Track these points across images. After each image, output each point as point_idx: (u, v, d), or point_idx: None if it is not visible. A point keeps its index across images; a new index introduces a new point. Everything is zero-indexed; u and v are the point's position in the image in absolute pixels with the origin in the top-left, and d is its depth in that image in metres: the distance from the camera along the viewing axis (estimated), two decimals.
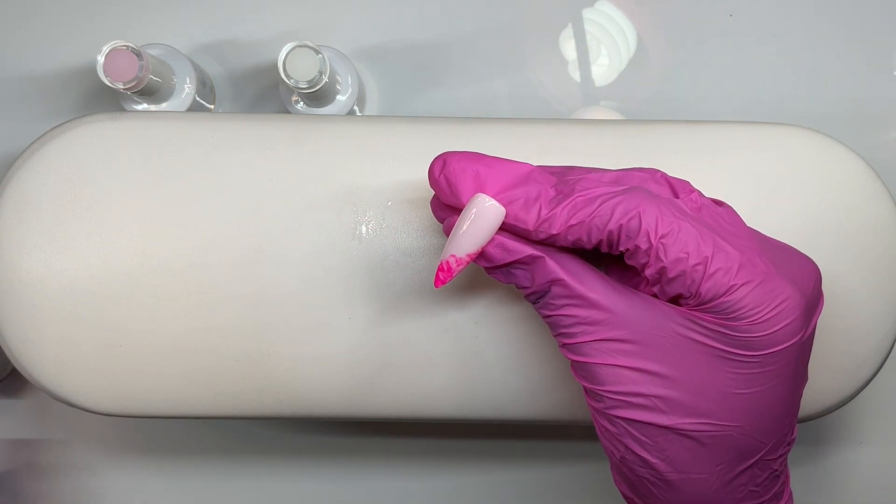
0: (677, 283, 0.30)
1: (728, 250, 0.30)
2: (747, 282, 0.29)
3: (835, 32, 0.49)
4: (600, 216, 0.30)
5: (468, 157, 0.31)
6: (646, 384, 0.30)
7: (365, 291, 0.38)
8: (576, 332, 0.31)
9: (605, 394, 0.31)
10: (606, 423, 0.31)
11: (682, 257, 0.29)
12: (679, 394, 0.30)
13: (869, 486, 0.51)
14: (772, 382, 0.31)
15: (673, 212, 0.30)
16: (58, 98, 0.49)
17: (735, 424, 0.31)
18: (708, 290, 0.29)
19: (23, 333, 0.38)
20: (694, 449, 0.31)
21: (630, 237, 0.30)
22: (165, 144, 0.39)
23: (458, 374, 0.38)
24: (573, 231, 0.30)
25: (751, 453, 0.31)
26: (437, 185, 0.32)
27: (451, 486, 0.51)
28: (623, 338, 0.30)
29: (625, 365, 0.30)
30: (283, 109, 0.48)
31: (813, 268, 0.32)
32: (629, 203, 0.30)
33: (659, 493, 0.32)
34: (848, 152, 0.39)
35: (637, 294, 0.31)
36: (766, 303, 0.29)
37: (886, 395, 0.50)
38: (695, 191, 0.32)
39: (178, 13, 0.49)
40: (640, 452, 0.31)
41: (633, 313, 0.30)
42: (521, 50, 0.50)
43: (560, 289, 0.31)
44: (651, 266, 0.30)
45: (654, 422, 0.30)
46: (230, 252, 0.38)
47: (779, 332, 0.30)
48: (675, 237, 0.29)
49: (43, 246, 0.38)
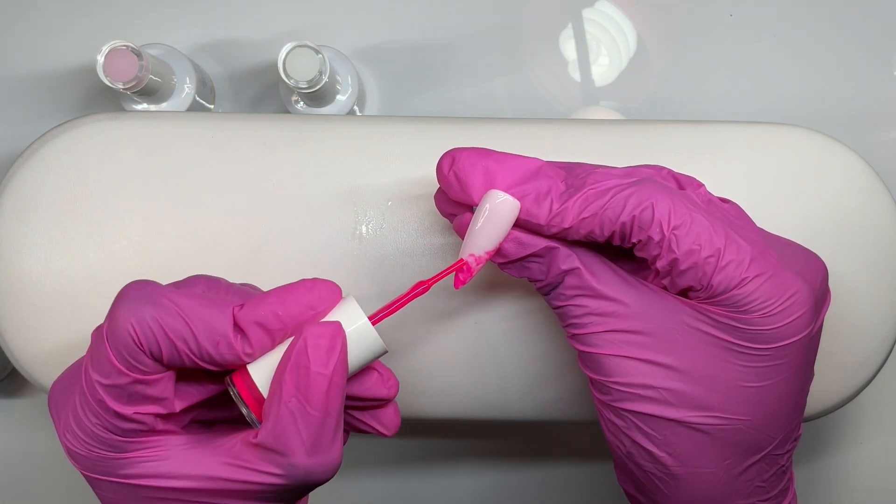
0: (689, 274, 0.29)
1: (740, 243, 0.29)
2: (759, 275, 0.29)
3: (835, 32, 0.49)
4: (612, 208, 0.29)
5: (477, 153, 0.31)
6: (655, 376, 0.30)
7: (365, 291, 0.38)
8: (586, 322, 0.30)
9: (614, 385, 0.30)
10: (613, 417, 0.31)
11: (695, 249, 0.29)
12: (688, 386, 0.30)
13: (869, 486, 0.51)
14: (781, 376, 0.31)
15: (685, 203, 0.30)
16: (58, 98, 0.49)
17: (744, 418, 0.31)
18: (719, 283, 0.29)
19: (23, 333, 0.38)
20: (702, 443, 0.31)
21: (642, 228, 0.29)
22: (165, 144, 0.39)
23: (458, 374, 0.38)
24: (585, 224, 0.30)
25: (759, 448, 0.31)
26: (447, 181, 0.31)
27: (451, 486, 0.51)
28: (633, 329, 0.30)
29: (634, 356, 0.30)
30: (283, 109, 0.48)
31: (820, 264, 0.32)
32: (642, 194, 0.29)
33: (665, 488, 0.32)
34: (848, 152, 0.39)
35: (648, 286, 0.31)
36: (776, 296, 0.29)
37: (886, 395, 0.50)
38: (702, 186, 0.32)
39: (178, 13, 0.49)
40: (648, 446, 0.31)
41: (644, 305, 0.30)
42: (521, 50, 0.50)
43: (573, 279, 0.30)
44: (663, 257, 0.30)
45: (662, 415, 0.30)
46: (230, 252, 0.38)
47: (789, 325, 0.30)
48: (687, 229, 0.29)
49: (43, 246, 0.38)
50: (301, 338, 0.29)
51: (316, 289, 0.30)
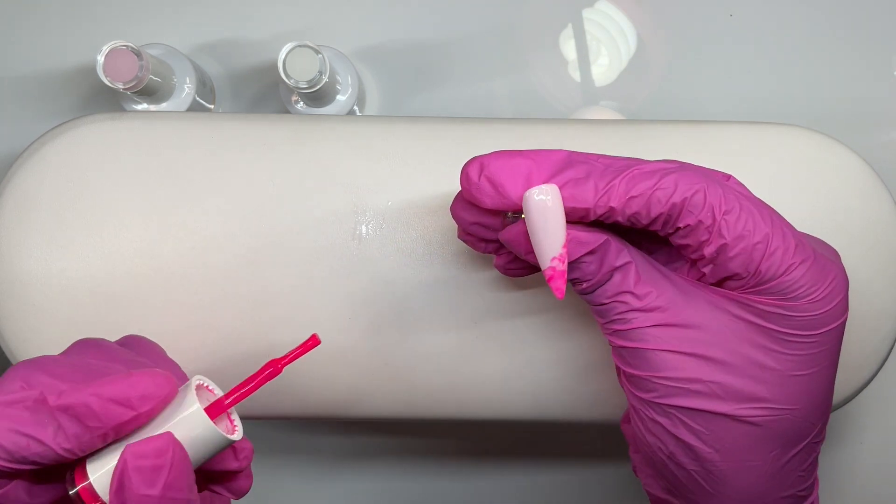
0: (737, 260, 0.29)
1: (784, 230, 0.29)
2: (803, 261, 0.29)
3: (835, 32, 0.49)
4: (664, 189, 0.29)
5: (505, 155, 0.30)
6: (703, 370, 0.30)
7: (365, 291, 0.38)
8: (630, 318, 0.30)
9: (660, 381, 0.30)
10: (656, 415, 0.30)
11: (745, 234, 0.29)
12: (737, 379, 0.30)
13: (869, 486, 0.51)
14: (826, 362, 0.30)
15: (731, 190, 0.30)
16: (58, 98, 0.49)
17: (792, 407, 0.30)
18: (768, 269, 0.29)
19: (23, 333, 0.38)
20: (752, 435, 0.30)
21: (693, 212, 0.29)
22: (165, 144, 0.39)
23: (458, 374, 0.38)
24: (632, 203, 0.29)
25: (803, 436, 0.31)
26: (479, 189, 0.30)
27: (451, 487, 0.51)
28: (679, 323, 0.30)
29: (682, 351, 0.30)
30: (283, 109, 0.48)
31: (836, 252, 0.32)
32: (692, 178, 0.29)
33: (710, 486, 0.31)
34: (848, 152, 0.39)
35: (687, 280, 0.31)
36: (819, 282, 0.29)
37: (886, 395, 0.50)
38: (731, 177, 0.32)
39: (178, 13, 0.50)
40: (694, 443, 0.30)
41: (688, 298, 0.30)
42: (521, 50, 0.50)
43: (620, 276, 0.30)
44: (711, 243, 0.29)
45: (712, 409, 0.30)
46: (230, 252, 0.38)
47: (832, 310, 0.30)
48: (737, 215, 0.29)
49: (43, 246, 0.38)
50: (121, 459, 0.27)
51: (139, 384, 0.27)
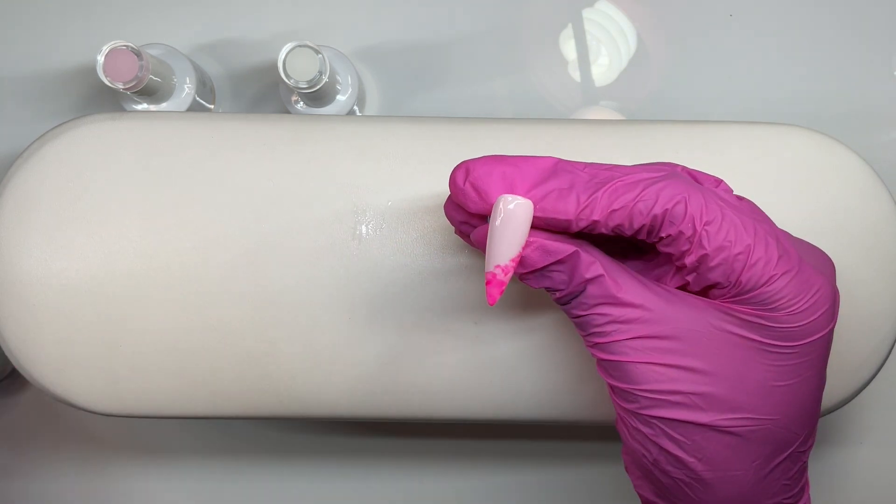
0: (718, 271, 0.29)
1: (767, 240, 0.29)
2: (786, 272, 0.29)
3: (835, 32, 0.49)
4: (645, 200, 0.29)
5: (492, 161, 0.30)
6: (684, 381, 0.30)
7: (365, 291, 0.38)
8: (609, 330, 0.30)
9: (641, 393, 0.30)
10: (639, 425, 0.31)
11: (726, 245, 0.29)
12: (718, 389, 0.30)
13: (869, 486, 0.51)
14: (808, 373, 0.30)
15: (715, 199, 0.30)
16: (58, 98, 0.49)
17: (773, 417, 0.30)
18: (748, 280, 0.29)
19: (23, 333, 0.38)
20: (733, 445, 0.30)
21: (674, 223, 0.29)
22: (165, 145, 0.39)
23: (458, 374, 0.38)
24: (615, 216, 0.29)
25: (786, 446, 0.31)
26: (464, 193, 0.30)
27: (452, 487, 0.51)
28: (659, 334, 0.30)
29: (662, 362, 0.30)
30: (283, 109, 0.48)
31: (830, 260, 0.32)
32: (674, 188, 0.29)
33: (694, 493, 0.31)
34: (848, 152, 0.39)
35: (668, 289, 0.31)
36: (802, 293, 0.29)
37: (886, 395, 0.50)
38: (722, 182, 0.32)
39: (178, 13, 0.50)
40: (677, 453, 0.30)
41: (668, 309, 0.30)
42: (521, 50, 0.50)
43: (595, 288, 0.30)
44: (692, 253, 0.29)
45: (693, 420, 0.30)
46: (230, 252, 0.38)
47: (815, 321, 0.30)
48: (718, 225, 0.29)
49: (43, 246, 0.38)
50: None
51: None
